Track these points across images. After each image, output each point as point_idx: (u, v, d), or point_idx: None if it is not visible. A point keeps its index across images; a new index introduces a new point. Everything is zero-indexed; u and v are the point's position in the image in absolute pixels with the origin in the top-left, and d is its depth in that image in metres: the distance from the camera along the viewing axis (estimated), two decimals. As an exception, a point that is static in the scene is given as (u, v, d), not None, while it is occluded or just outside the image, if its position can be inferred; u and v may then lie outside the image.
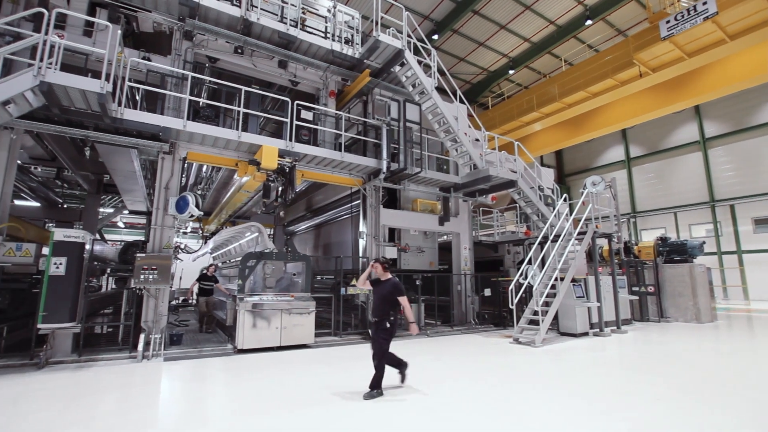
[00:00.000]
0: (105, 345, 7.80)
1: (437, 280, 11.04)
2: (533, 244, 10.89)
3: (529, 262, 10.20)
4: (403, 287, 5.15)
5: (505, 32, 21.40)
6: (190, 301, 18.24)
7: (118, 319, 9.59)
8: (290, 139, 8.83)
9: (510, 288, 9.54)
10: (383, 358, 5.00)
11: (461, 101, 10.69)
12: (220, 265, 17.04)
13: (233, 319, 8.21)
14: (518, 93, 24.33)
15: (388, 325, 4.97)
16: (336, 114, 10.45)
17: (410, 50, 10.04)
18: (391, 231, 11.10)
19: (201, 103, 8.66)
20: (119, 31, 7.05)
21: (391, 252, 10.45)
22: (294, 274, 9.10)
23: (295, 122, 8.98)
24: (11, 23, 6.72)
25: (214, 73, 10.20)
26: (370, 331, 5.01)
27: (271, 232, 17.09)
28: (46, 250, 6.59)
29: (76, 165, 10.69)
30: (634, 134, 26.49)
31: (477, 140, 11.17)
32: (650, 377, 5.95)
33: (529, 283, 9.75)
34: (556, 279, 9.43)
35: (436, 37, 20.88)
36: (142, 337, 7.24)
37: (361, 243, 10.58)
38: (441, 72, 10.48)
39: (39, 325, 6.17)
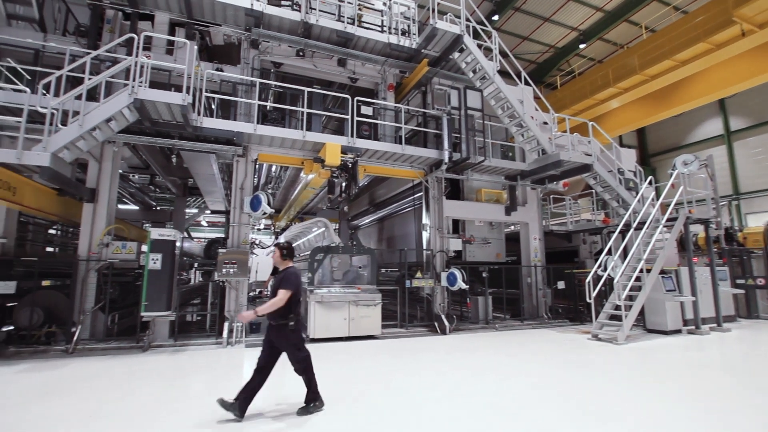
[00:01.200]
0: (195, 332, 8.67)
1: (505, 272, 10.63)
2: (613, 232, 9.99)
3: (609, 253, 9.38)
4: (295, 280, 4.03)
5: (573, 3, 19.73)
6: (265, 293, 19.62)
7: (205, 309, 10.60)
8: (352, 135, 9.01)
9: (587, 280, 8.87)
10: (308, 369, 4.12)
11: (526, 83, 10.09)
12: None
13: (305, 310, 8.65)
14: (590, 69, 22.34)
15: (291, 324, 4.00)
16: (395, 107, 10.45)
17: (469, 34, 9.67)
18: (455, 222, 10.89)
19: (268, 107, 9.17)
20: (195, 47, 7.69)
21: (455, 244, 10.26)
22: (360, 267, 9.32)
23: (355, 118, 9.14)
24: (109, 50, 7.64)
25: (279, 77, 10.72)
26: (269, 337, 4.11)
27: (337, 227, 17.69)
28: (144, 248, 7.47)
29: (166, 171, 11.95)
30: (734, 104, 23.00)
31: (545, 123, 10.49)
32: (762, 380, 5.18)
33: (609, 275, 8.99)
34: (641, 270, 8.57)
35: (496, 17, 19.91)
36: (226, 325, 7.92)
37: (425, 235, 10.52)
38: (503, 54, 9.97)
39: (142, 314, 7.04)
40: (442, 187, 10.52)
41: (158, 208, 16.73)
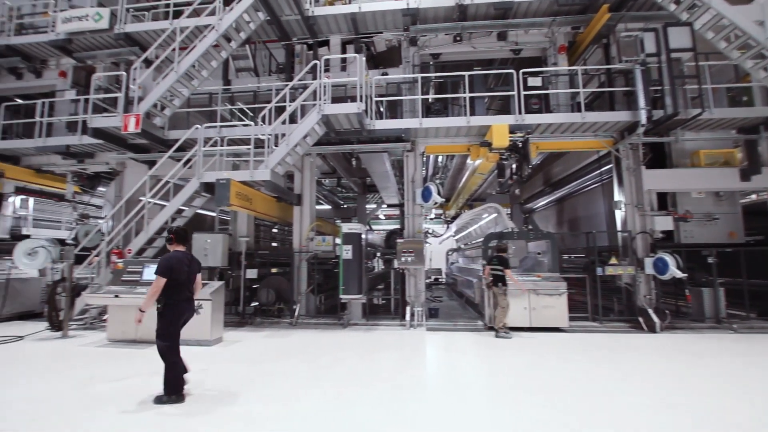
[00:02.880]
0: (382, 314, 9.67)
1: (745, 256, 8.02)
2: None
3: None
4: (165, 265, 3.98)
5: None
6: (439, 279, 20.35)
7: (388, 294, 11.71)
8: (519, 112, 8.34)
9: None
10: (168, 354, 3.96)
11: (768, -4, 7.28)
12: (462, 246, 18.16)
13: (480, 297, 8.54)
14: None
15: (158, 306, 4.00)
16: (569, 71, 9.16)
17: (667, -44, 7.60)
18: (661, 196, 8.82)
19: (430, 100, 9.38)
20: (363, 58, 8.47)
21: (663, 222, 8.31)
22: (538, 253, 8.62)
23: (522, 93, 8.42)
24: (300, 79, 9.18)
25: (438, 68, 10.81)
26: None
27: (509, 212, 16.83)
28: (338, 241, 8.73)
29: (348, 173, 13.68)
30: None
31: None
32: None
33: None
34: None
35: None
36: (408, 309, 8.55)
37: (618, 214, 8.91)
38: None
39: (341, 296, 8.27)
40: (639, 154, 8.69)
41: (345, 206, 19.34)
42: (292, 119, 8.30)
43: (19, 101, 10.53)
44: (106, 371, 5.11)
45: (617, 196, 8.97)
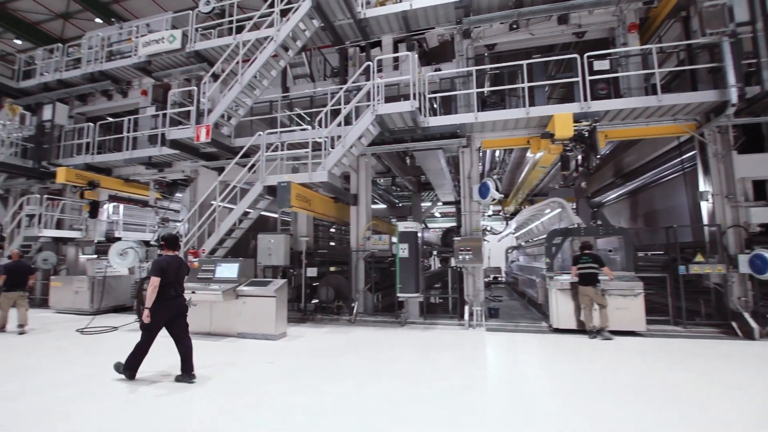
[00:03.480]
0: (440, 312, 9.53)
1: None
2: None
3: None
4: (156, 267, 4.57)
5: None
6: (498, 278, 19.67)
7: (446, 293, 11.53)
8: (585, 99, 7.78)
9: None
10: (141, 343, 4.63)
11: None
12: (523, 244, 17.39)
13: (544, 297, 8.10)
14: None
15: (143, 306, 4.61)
16: (642, 50, 8.37)
17: None
18: (758, 185, 7.74)
19: (485, 93, 9.07)
20: (415, 56, 8.40)
21: (762, 214, 7.28)
22: (610, 251, 7.99)
23: (587, 78, 7.84)
24: (354, 81, 9.33)
25: (493, 59, 10.43)
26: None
27: (574, 206, 15.82)
28: (395, 239, 8.75)
29: (403, 172, 13.67)
30: None
31: None
32: None
33: None
34: None
35: None
36: (466, 308, 8.34)
37: (704, 206, 7.97)
38: None
39: (398, 294, 8.29)
40: (729, 138, 7.70)
41: (400, 205, 19.38)
42: (347, 121, 8.46)
43: (110, 119, 11.92)
44: (186, 361, 5.58)
45: (702, 186, 8.02)
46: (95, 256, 11.69)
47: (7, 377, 4.90)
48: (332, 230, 15.81)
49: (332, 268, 10.04)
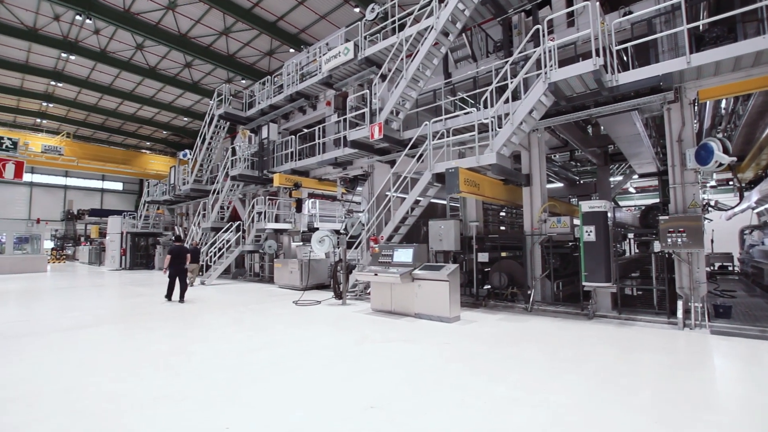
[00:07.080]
0: (639, 307, 7.94)
1: None
2: None
3: None
4: (173, 250, 9.97)
5: None
6: (728, 267, 15.14)
7: (646, 283, 9.55)
8: None
9: None
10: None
11: None
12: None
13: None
14: None
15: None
16: None
17: None
18: None
19: (700, 27, 6.97)
20: (596, 2, 7.09)
21: None
22: None
23: None
24: (521, 51, 8.56)
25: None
26: None
27: None
28: (576, 221, 7.72)
29: (584, 144, 11.90)
30: None
31: None
32: None
33: None
34: None
35: None
36: (679, 304, 6.71)
37: None
38: None
39: (583, 283, 7.30)
40: None
41: (581, 182, 17.03)
42: (515, 96, 7.85)
43: (305, 130, 14.39)
44: (373, 333, 6.29)
45: None
46: (302, 243, 14.45)
47: (251, 332, 6.50)
48: (502, 214, 15.13)
49: (504, 254, 9.59)
